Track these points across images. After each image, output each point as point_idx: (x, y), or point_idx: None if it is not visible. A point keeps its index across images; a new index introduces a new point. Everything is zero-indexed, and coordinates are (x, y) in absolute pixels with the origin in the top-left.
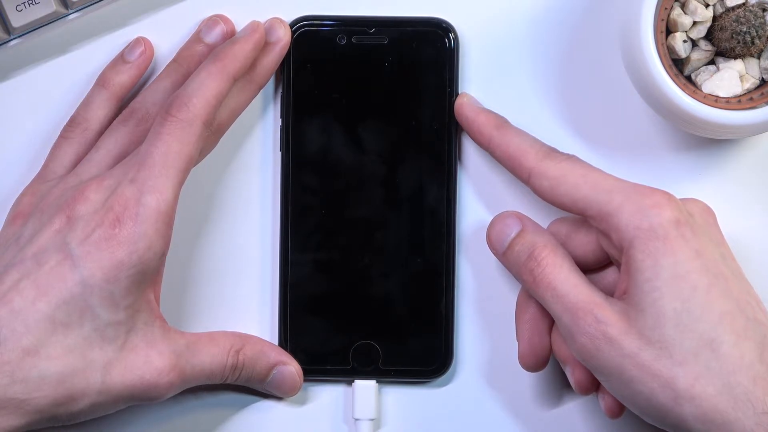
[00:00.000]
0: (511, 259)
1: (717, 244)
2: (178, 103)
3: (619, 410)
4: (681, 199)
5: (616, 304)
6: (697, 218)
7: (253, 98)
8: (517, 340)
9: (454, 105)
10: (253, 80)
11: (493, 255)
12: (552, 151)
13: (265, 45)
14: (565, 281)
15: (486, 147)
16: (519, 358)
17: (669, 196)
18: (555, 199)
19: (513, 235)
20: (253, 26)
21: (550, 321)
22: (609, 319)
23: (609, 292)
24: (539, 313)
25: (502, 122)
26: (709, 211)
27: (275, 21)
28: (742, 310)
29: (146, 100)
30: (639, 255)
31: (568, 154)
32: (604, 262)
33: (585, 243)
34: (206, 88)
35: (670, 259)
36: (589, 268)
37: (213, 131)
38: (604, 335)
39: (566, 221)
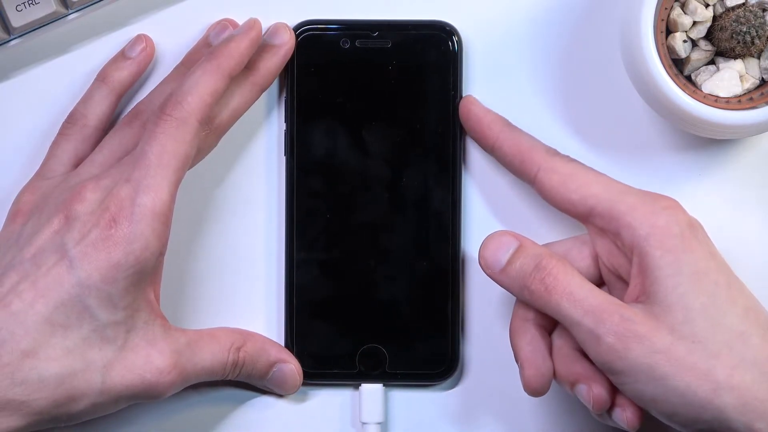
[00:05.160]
0: (512, 274)
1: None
2: (173, 101)
3: (639, 420)
4: None
5: (636, 306)
6: (698, 227)
7: (254, 100)
8: (520, 365)
9: (459, 105)
10: (255, 82)
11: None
12: (560, 153)
13: (268, 47)
14: (579, 286)
15: (492, 143)
16: (525, 383)
17: (678, 203)
18: (563, 195)
19: (511, 250)
20: (250, 24)
21: (550, 343)
22: (636, 316)
23: None
24: (539, 334)
25: (509, 122)
26: (702, 226)
27: (280, 25)
28: (760, 309)
29: (152, 102)
30: (657, 252)
31: (575, 159)
32: (598, 282)
33: (578, 262)
34: (201, 86)
35: (689, 255)
36: None
37: (213, 131)
38: (633, 333)
39: (557, 243)
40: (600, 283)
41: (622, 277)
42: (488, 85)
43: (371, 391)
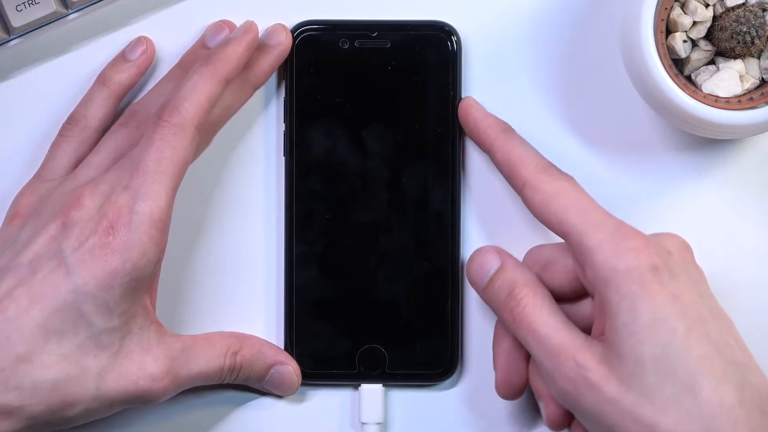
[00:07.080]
0: (490, 295)
1: (696, 284)
2: (170, 107)
3: None
4: (658, 235)
5: (596, 347)
6: (675, 257)
7: (247, 99)
8: (494, 369)
9: (458, 106)
10: (248, 81)
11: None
12: (551, 167)
13: (264, 47)
14: (544, 323)
15: (487, 149)
16: (495, 386)
17: (648, 241)
18: (543, 216)
19: (493, 270)
20: (247, 27)
21: (527, 352)
22: (589, 363)
23: (585, 325)
24: (516, 343)
25: (507, 127)
26: (687, 248)
27: (277, 26)
28: (721, 353)
29: (147, 103)
30: (614, 297)
31: (566, 174)
32: (581, 292)
33: (563, 273)
34: (198, 91)
35: (647, 303)
36: (566, 297)
37: (205, 129)
38: (585, 380)
39: (545, 249)
40: (583, 291)
41: None
42: (488, 85)
43: (371, 391)
